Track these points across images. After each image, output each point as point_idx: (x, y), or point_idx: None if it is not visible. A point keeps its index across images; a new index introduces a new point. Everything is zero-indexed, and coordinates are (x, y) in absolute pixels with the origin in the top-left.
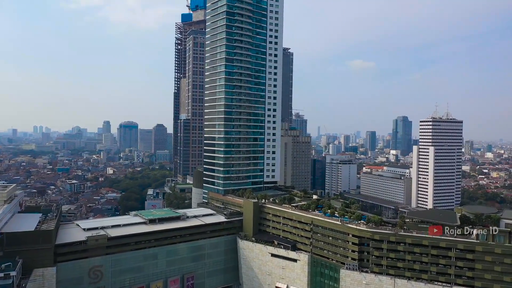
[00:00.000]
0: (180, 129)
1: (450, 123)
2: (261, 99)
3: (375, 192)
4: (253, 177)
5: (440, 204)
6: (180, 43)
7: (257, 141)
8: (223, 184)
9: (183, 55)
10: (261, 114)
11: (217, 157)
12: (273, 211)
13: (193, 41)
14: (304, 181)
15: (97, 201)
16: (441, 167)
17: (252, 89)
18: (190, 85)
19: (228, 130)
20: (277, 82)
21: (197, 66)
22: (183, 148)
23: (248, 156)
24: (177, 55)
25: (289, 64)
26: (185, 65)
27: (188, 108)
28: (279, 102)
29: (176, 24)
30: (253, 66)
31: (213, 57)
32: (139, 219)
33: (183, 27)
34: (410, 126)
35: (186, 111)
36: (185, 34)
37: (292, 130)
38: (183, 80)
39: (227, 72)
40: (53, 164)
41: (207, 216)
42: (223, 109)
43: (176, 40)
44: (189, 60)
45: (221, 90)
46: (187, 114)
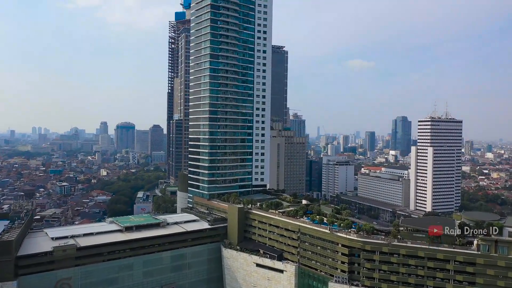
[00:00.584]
0: (172, 130)
1: (449, 123)
2: (249, 98)
3: (373, 194)
4: (241, 181)
5: (439, 207)
6: (174, 42)
7: (244, 142)
8: (208, 188)
9: (177, 54)
10: (249, 114)
11: (202, 160)
12: (259, 218)
13: (185, 39)
14: (298, 183)
15: (86, 204)
16: (440, 168)
17: (239, 87)
18: (183, 85)
19: (214, 131)
20: (266, 80)
21: (189, 65)
22: (175, 149)
23: (235, 158)
24: (170, 54)
25: (284, 63)
26: (178, 64)
27: (181, 108)
28: (268, 101)
29: (170, 22)
30: (240, 63)
31: (198, 53)
32: (115, 226)
33: (176, 25)
34: (410, 126)
35: (179, 111)
36: (178, 33)
37: (286, 131)
38: (176, 80)
39: (212, 69)
40: (46, 165)
41: (189, 223)
42: (207, 108)
43: (170, 39)
44: (181, 59)
45: (206, 88)
46: (180, 115)
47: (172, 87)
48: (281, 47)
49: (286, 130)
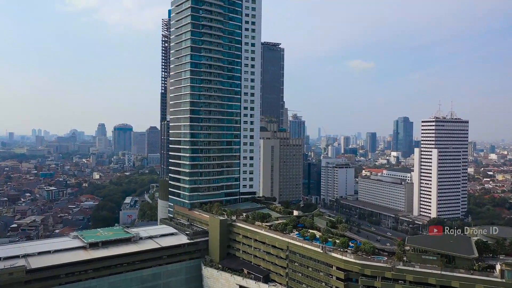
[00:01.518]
0: (164, 132)
1: (455, 123)
2: (235, 96)
3: (374, 198)
4: (227, 188)
5: (445, 212)
6: (166, 40)
7: (231, 145)
8: (189, 196)
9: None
10: (236, 114)
11: (183, 165)
12: (243, 232)
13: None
14: (295, 188)
15: (71, 211)
16: (446, 171)
17: (225, 83)
18: None
19: (195, 132)
20: (255, 76)
21: None
22: (166, 151)
23: (220, 163)
24: (163, 53)
25: (280, 61)
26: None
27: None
28: (257, 99)
29: (163, 20)
30: (225, 57)
31: (178, 46)
32: (78, 242)
33: (169, 23)
34: (411, 127)
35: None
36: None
37: (281, 132)
38: (169, 79)
39: (193, 64)
40: (38, 169)
41: (166, 237)
42: (188, 107)
43: (163, 38)
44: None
45: (186, 84)
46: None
47: (165, 87)
48: (276, 44)
49: (281, 131)
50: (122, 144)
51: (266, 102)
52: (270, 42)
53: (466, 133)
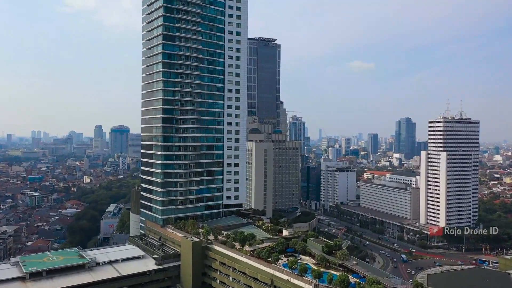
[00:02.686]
0: None
1: (464, 124)
2: (217, 93)
3: (377, 204)
4: (207, 200)
5: (454, 221)
6: None
7: (212, 149)
8: (162, 211)
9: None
10: (218, 113)
11: (154, 173)
12: (220, 257)
13: None
14: (291, 195)
15: (50, 219)
16: (455, 176)
17: (205, 78)
18: None
19: (169, 135)
20: (240, 69)
21: None
22: None
23: (200, 171)
24: None
25: (276, 58)
26: None
27: None
28: (243, 97)
29: None
30: (205, 48)
31: (149, 34)
32: (16, 272)
33: None
34: (414, 128)
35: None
36: None
37: (277, 134)
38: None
39: (165, 55)
40: (27, 172)
41: (130, 261)
42: (160, 105)
43: None
44: None
45: (158, 79)
46: None
47: None
48: (272, 40)
49: (276, 133)
50: (119, 146)
51: (261, 102)
52: (265, 37)
53: (477, 135)
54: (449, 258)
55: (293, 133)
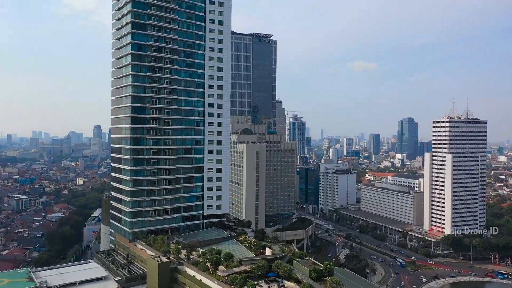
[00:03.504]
0: None
1: (471, 124)
2: (197, 89)
3: (378, 209)
4: (185, 210)
5: (460, 226)
6: None
7: (190, 153)
8: (131, 223)
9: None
10: (198, 112)
11: (124, 181)
12: (190, 283)
13: None
14: (287, 199)
15: (33, 225)
16: (461, 179)
17: (182, 73)
18: None
19: (139, 138)
20: (223, 63)
21: None
22: None
23: (176, 178)
24: None
25: (272, 54)
26: None
27: None
28: (227, 94)
29: None
30: (182, 38)
31: (119, 23)
32: None
33: None
34: (417, 128)
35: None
36: None
37: (271, 135)
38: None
39: (135, 46)
40: (19, 173)
41: (88, 284)
42: (129, 103)
43: None
44: None
45: (127, 73)
46: None
47: None
48: (268, 36)
49: (271, 133)
50: None
51: (256, 101)
52: (260, 33)
53: (484, 135)
54: (455, 268)
55: (294, 133)
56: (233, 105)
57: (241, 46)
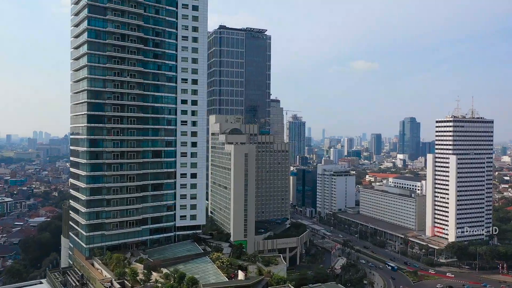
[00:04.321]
0: None
1: (477, 123)
2: (168, 84)
3: (378, 213)
4: (153, 221)
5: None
6: None
7: (160, 156)
8: (87, 238)
9: None
10: (169, 110)
11: (80, 188)
12: None
13: None
14: (280, 204)
15: (13, 230)
16: (466, 182)
17: (149, 65)
18: None
19: (97, 139)
20: (198, 54)
21: None
22: None
23: (143, 185)
24: None
25: (266, 50)
26: None
27: None
28: (203, 89)
29: None
30: (150, 25)
31: (76, 8)
32: None
33: None
34: (419, 128)
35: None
36: None
37: (264, 135)
38: None
39: (92, 32)
40: (11, 174)
41: None
42: (86, 99)
43: None
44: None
45: (83, 64)
46: None
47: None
48: (261, 31)
49: (263, 134)
50: None
51: (249, 100)
52: (253, 28)
53: (491, 135)
54: (461, 278)
55: (293, 133)
56: (225, 103)
57: (233, 41)
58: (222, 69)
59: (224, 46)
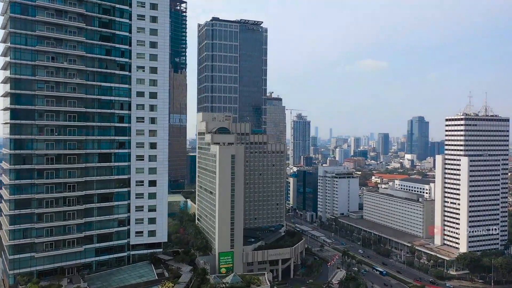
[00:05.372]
0: None
1: (491, 121)
2: (119, 72)
3: (383, 218)
4: (100, 239)
5: (478, 242)
6: None
7: (109, 160)
8: (11, 261)
9: None
10: (121, 104)
11: (4, 200)
12: None
13: None
14: (274, 209)
15: None
16: (480, 186)
17: (94, 49)
18: None
19: (25, 139)
20: (158, 37)
21: None
22: None
23: (87, 195)
24: None
25: (262, 44)
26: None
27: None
28: (163, 79)
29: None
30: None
31: None
32: None
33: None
34: (427, 127)
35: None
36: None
37: (256, 135)
38: None
39: (17, 6)
40: None
41: None
42: (9, 89)
43: None
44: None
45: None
46: None
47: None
48: (257, 23)
49: (256, 133)
50: None
51: (243, 97)
52: (248, 20)
53: (506, 135)
54: None
55: (298, 132)
56: (218, 101)
57: (226, 34)
58: (214, 64)
59: (216, 39)
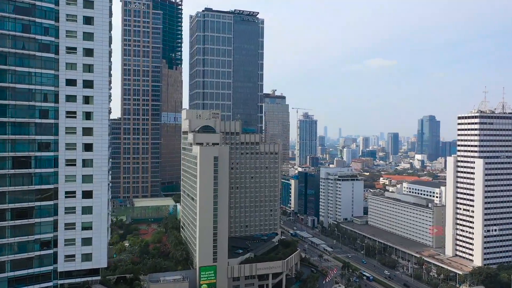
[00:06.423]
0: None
1: (508, 119)
2: (40, 54)
3: (389, 225)
4: (16, 267)
5: (494, 254)
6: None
7: (27, 166)
8: None
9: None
10: (45, 95)
11: None
12: None
13: (123, 7)
14: (268, 216)
15: None
16: (496, 192)
17: (4, 23)
18: (121, 70)
19: None
20: (94, 10)
21: (130, 43)
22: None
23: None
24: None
25: (258, 37)
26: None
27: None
28: (103, 64)
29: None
30: None
31: None
32: None
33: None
34: (438, 127)
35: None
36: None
37: (247, 134)
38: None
39: None
40: None
41: None
42: None
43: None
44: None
45: None
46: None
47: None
48: (253, 14)
49: (247, 132)
50: None
51: (238, 93)
52: (243, 10)
53: None
54: None
55: (305, 132)
56: (210, 97)
57: (219, 25)
58: (206, 58)
59: (208, 31)
